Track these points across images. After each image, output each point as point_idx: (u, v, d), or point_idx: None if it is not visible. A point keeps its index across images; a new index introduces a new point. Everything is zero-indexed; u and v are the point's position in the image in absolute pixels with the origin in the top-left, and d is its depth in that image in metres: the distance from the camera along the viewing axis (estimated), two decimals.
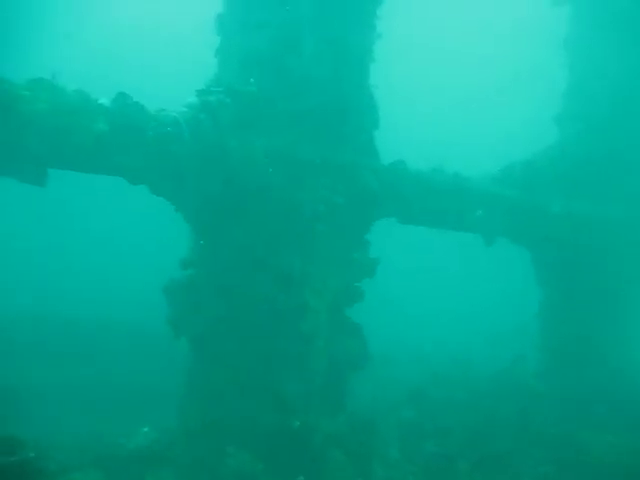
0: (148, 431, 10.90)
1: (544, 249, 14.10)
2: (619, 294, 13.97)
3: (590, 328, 13.70)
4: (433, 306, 32.76)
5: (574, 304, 14.02)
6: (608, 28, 14.11)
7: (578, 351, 13.65)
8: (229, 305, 10.02)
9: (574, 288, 14.03)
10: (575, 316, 13.92)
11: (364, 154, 10.97)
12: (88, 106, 8.89)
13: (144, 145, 9.12)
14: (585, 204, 13.46)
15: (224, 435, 9.91)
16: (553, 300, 14.48)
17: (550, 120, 15.19)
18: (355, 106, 10.85)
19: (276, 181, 9.93)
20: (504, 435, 11.52)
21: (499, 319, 27.50)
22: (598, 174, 13.96)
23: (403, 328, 22.88)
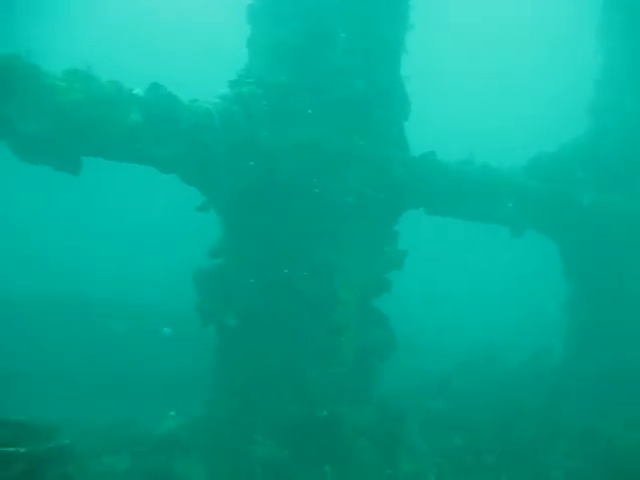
0: (175, 415, 11.03)
1: (573, 241, 13.98)
2: None
3: (618, 320, 13.58)
4: (456, 293, 32.67)
5: (603, 296, 13.89)
6: None
7: (606, 344, 13.55)
8: (258, 295, 10.09)
9: (603, 280, 13.90)
10: (603, 308, 13.80)
11: (394, 146, 10.94)
12: (122, 96, 8.97)
13: (177, 135, 9.19)
14: (616, 196, 13.31)
15: (252, 423, 10.02)
16: (581, 292, 14.37)
17: (581, 110, 14.99)
18: (385, 97, 10.81)
19: (306, 172, 9.95)
20: (531, 428, 11.49)
21: (522, 308, 27.40)
22: (629, 166, 13.78)
23: (426, 316, 22.86)
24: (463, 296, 32.53)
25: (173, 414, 11.11)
